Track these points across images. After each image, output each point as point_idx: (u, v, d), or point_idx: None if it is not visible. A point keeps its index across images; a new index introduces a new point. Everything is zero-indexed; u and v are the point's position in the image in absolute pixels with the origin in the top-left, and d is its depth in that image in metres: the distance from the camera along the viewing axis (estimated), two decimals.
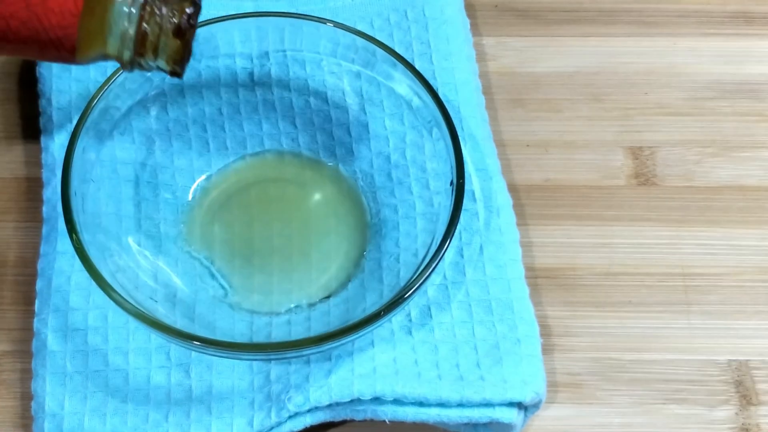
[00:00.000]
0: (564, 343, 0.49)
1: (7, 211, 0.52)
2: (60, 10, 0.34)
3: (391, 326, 0.46)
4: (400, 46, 0.53)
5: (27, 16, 0.34)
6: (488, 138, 0.52)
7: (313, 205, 0.51)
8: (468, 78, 0.53)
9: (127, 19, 0.36)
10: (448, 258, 0.48)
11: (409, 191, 0.50)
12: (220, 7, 0.54)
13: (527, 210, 0.52)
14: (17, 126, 0.54)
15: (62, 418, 0.45)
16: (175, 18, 0.36)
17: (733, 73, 0.57)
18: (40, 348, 0.46)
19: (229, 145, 0.52)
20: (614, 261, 0.51)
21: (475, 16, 0.58)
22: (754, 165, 0.54)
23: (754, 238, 0.52)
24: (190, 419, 0.45)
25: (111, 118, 0.49)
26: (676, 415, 0.48)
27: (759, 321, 0.50)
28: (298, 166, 0.52)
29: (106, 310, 0.47)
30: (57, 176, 0.48)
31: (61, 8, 0.34)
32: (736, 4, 0.59)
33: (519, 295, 0.47)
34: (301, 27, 0.50)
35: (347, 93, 0.52)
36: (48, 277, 0.48)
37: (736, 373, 0.49)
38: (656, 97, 0.56)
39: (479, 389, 0.44)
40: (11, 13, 0.34)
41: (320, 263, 0.49)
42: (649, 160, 0.54)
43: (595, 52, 0.58)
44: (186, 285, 0.48)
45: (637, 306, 0.50)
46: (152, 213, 0.50)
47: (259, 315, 0.48)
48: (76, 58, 0.36)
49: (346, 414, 0.45)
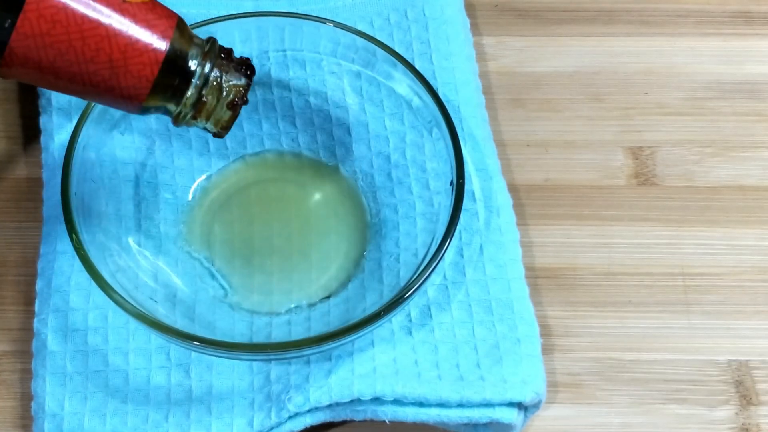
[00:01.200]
0: (564, 343, 0.49)
1: (7, 211, 0.52)
2: (138, 74, 0.38)
3: (391, 326, 0.46)
4: (400, 45, 0.53)
5: (109, 75, 0.38)
6: (488, 138, 0.52)
7: (313, 205, 0.51)
8: (468, 78, 0.53)
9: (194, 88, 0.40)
10: (448, 258, 0.48)
11: (409, 191, 0.50)
12: (220, 7, 0.54)
13: (527, 210, 0.52)
14: (17, 126, 0.54)
15: (62, 419, 0.45)
16: (231, 94, 0.40)
17: (732, 73, 0.57)
18: (40, 348, 0.46)
19: (229, 145, 0.52)
20: (614, 261, 0.51)
21: (475, 16, 0.58)
22: (754, 165, 0.54)
23: (753, 238, 0.52)
24: (190, 419, 0.45)
25: (111, 117, 0.49)
26: (676, 415, 0.48)
27: (759, 321, 0.50)
28: (298, 166, 0.52)
29: (106, 311, 0.47)
30: (57, 176, 0.48)
31: (140, 73, 0.38)
32: (736, 4, 0.59)
33: (519, 295, 0.47)
34: (301, 27, 0.50)
35: (347, 93, 0.52)
36: (48, 277, 0.48)
37: (736, 373, 0.49)
38: (656, 97, 0.56)
39: (479, 389, 0.44)
40: (96, 70, 0.38)
41: (320, 263, 0.49)
42: (649, 160, 0.54)
43: (595, 52, 0.58)
44: (186, 285, 0.48)
45: (637, 306, 0.50)
46: (152, 213, 0.50)
47: (259, 315, 0.48)
48: (139, 112, 0.40)
49: (346, 414, 0.45)
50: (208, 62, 0.40)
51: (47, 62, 0.37)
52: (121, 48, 0.37)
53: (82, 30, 0.37)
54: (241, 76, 0.41)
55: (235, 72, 0.41)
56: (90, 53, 0.37)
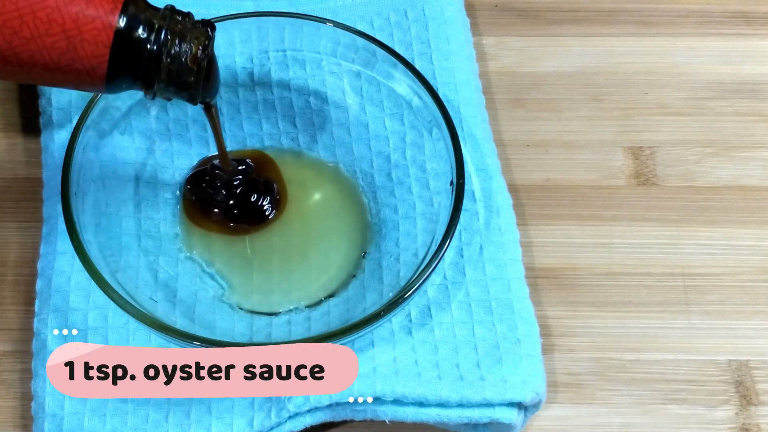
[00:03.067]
0: (564, 343, 0.49)
1: (7, 211, 0.52)
2: (94, 40, 0.38)
3: (391, 326, 0.46)
4: (400, 45, 0.53)
5: (66, 46, 0.38)
6: (488, 138, 0.52)
7: (313, 205, 0.51)
8: (468, 78, 0.53)
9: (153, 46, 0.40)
10: (448, 258, 0.48)
11: (409, 191, 0.50)
12: (220, 7, 0.54)
13: (527, 210, 0.52)
14: (17, 126, 0.54)
15: (62, 419, 0.45)
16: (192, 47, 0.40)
17: (733, 73, 0.57)
18: (40, 348, 0.46)
19: (230, 144, 0.52)
20: (614, 261, 0.51)
21: (475, 16, 0.58)
22: (754, 165, 0.54)
23: (753, 238, 0.52)
24: (190, 419, 0.45)
25: (111, 117, 0.49)
26: (676, 415, 0.48)
27: (759, 321, 0.50)
28: (298, 165, 0.52)
29: (106, 310, 0.47)
30: (57, 176, 0.48)
31: (95, 39, 0.38)
32: (736, 4, 0.59)
33: (519, 295, 0.47)
34: (301, 27, 0.50)
35: (347, 93, 0.52)
36: (48, 277, 0.48)
37: (736, 373, 0.49)
38: (656, 97, 0.56)
39: (479, 389, 0.44)
40: (52, 43, 0.38)
41: (320, 263, 0.49)
42: (649, 160, 0.54)
43: (595, 52, 0.58)
44: (186, 285, 0.48)
45: (637, 306, 0.50)
46: (152, 213, 0.50)
47: (259, 315, 0.48)
48: (105, 87, 0.40)
49: (346, 414, 0.45)
50: (165, 22, 0.40)
51: (4, 44, 0.38)
52: (73, 16, 0.38)
53: (31, 3, 0.38)
54: (200, 32, 0.41)
55: (195, 30, 0.41)
56: (43, 26, 0.38)
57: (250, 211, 0.50)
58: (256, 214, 0.50)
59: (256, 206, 0.50)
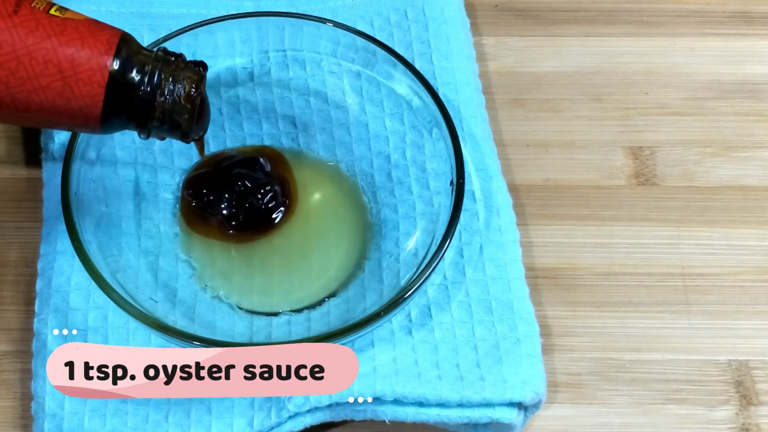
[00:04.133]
0: (564, 343, 0.49)
1: (7, 211, 0.52)
2: (89, 80, 0.39)
3: (391, 326, 0.46)
4: (400, 45, 0.53)
5: (61, 86, 0.39)
6: (488, 138, 0.52)
7: (313, 205, 0.51)
8: (468, 78, 0.53)
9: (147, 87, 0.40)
10: (448, 258, 0.48)
11: (409, 191, 0.50)
12: (220, 7, 0.54)
13: (527, 210, 0.52)
14: (17, 126, 0.54)
15: (62, 419, 0.45)
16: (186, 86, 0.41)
17: (733, 73, 0.57)
18: (40, 348, 0.46)
19: (230, 144, 0.52)
20: (614, 261, 0.51)
21: (475, 16, 0.58)
22: (754, 165, 0.54)
23: (753, 238, 0.52)
24: (190, 419, 0.45)
25: None
26: (676, 415, 0.48)
27: (759, 321, 0.50)
28: (298, 165, 0.52)
29: (106, 310, 0.47)
30: (57, 176, 0.48)
31: (91, 79, 0.39)
32: (736, 4, 0.59)
33: (519, 295, 0.47)
34: (301, 27, 0.50)
35: (347, 93, 0.52)
36: (48, 277, 0.48)
37: (736, 373, 0.49)
38: (656, 97, 0.56)
39: (479, 389, 0.44)
40: (48, 83, 0.39)
41: (320, 263, 0.49)
42: (649, 160, 0.54)
43: (595, 52, 0.58)
44: (186, 285, 0.48)
45: (637, 306, 0.50)
46: (152, 213, 0.50)
47: (259, 315, 0.48)
48: (100, 127, 0.40)
49: (346, 414, 0.45)
50: (158, 64, 0.40)
51: (1, 85, 0.38)
52: (68, 57, 0.39)
53: (28, 45, 0.38)
54: (193, 71, 0.41)
55: (187, 69, 0.41)
56: (39, 66, 0.38)
57: (256, 219, 0.50)
58: (263, 222, 0.50)
59: (263, 214, 0.50)
